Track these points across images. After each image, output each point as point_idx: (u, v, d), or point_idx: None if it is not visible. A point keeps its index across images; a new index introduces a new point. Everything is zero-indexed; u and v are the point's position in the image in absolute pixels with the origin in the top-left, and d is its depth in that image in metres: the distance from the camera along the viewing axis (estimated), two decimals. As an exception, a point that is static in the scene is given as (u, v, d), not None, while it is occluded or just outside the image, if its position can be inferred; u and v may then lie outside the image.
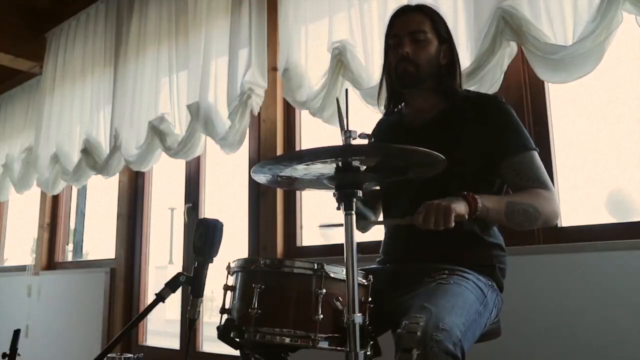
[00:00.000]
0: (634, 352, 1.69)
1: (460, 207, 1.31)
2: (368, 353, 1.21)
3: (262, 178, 1.29)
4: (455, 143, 1.49)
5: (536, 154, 1.48)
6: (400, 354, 1.13)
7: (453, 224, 1.28)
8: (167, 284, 1.32)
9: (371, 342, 1.24)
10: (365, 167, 1.18)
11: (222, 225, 1.34)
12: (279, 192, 2.80)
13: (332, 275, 1.22)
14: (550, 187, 1.45)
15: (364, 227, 1.60)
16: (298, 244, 2.78)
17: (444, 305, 1.22)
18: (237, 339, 1.24)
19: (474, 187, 1.50)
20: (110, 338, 3.52)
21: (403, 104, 1.70)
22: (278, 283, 1.24)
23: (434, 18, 1.59)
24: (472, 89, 1.95)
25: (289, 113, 2.88)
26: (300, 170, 1.20)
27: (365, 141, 1.26)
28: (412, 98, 1.65)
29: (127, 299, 3.59)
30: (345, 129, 1.18)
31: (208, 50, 3.01)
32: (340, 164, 1.16)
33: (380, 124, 1.79)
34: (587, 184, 2.10)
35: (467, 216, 1.32)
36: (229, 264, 1.35)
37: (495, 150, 1.49)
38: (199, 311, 1.32)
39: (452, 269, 1.41)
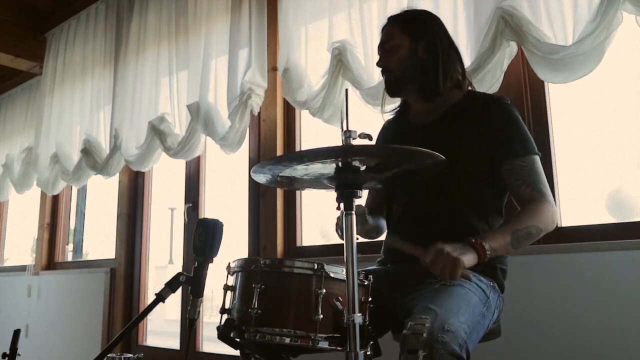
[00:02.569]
0: (634, 352, 1.69)
1: (470, 260, 1.28)
2: (368, 353, 1.21)
3: (262, 178, 1.29)
4: (457, 144, 1.49)
5: (538, 159, 1.47)
6: (405, 355, 1.13)
7: (458, 279, 1.27)
8: (167, 284, 1.32)
9: (371, 342, 1.24)
10: (365, 167, 1.18)
11: (222, 225, 1.34)
12: (279, 192, 2.80)
13: (332, 275, 1.22)
14: (549, 196, 1.45)
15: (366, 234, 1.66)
16: (298, 244, 2.78)
17: (448, 306, 1.22)
18: (237, 339, 1.24)
19: (476, 189, 1.50)
20: (110, 338, 3.52)
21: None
22: (278, 283, 1.24)
23: (404, 21, 1.62)
24: (471, 89, 1.95)
25: (289, 113, 2.88)
26: (300, 170, 1.20)
27: (365, 141, 1.26)
28: (410, 102, 1.67)
29: (127, 299, 3.59)
30: (345, 129, 1.17)
31: (208, 50, 3.01)
32: (340, 164, 1.16)
33: (385, 127, 1.79)
34: (587, 184, 2.11)
35: (471, 274, 1.30)
36: (229, 264, 1.35)
37: (497, 152, 1.48)
38: (199, 311, 1.32)
39: (454, 270, 1.40)
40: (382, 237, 1.70)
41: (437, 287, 1.33)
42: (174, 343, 3.40)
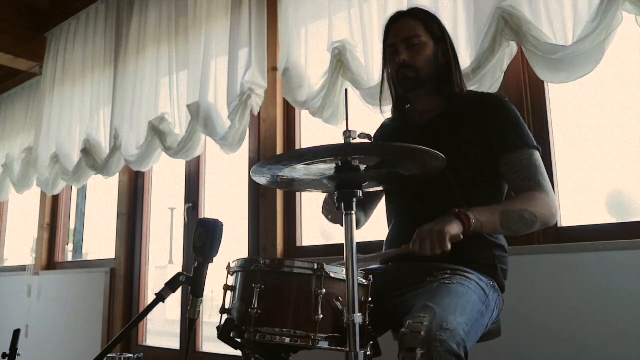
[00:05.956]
0: (634, 352, 1.69)
1: (454, 228, 1.30)
2: (368, 353, 1.21)
3: (262, 179, 1.29)
4: (457, 141, 1.50)
5: (537, 153, 1.48)
6: (404, 353, 1.13)
7: (449, 247, 1.28)
8: (167, 284, 1.32)
9: (371, 342, 1.24)
10: (365, 166, 1.18)
11: (222, 225, 1.33)
12: (279, 192, 2.80)
13: (332, 275, 1.22)
14: (547, 188, 1.45)
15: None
16: (298, 244, 2.78)
17: (447, 305, 1.22)
18: (237, 339, 1.24)
19: (476, 186, 1.50)
20: (110, 338, 3.52)
21: (408, 105, 1.71)
22: (278, 283, 1.24)
23: (427, 20, 1.60)
24: (472, 89, 1.95)
25: (289, 113, 2.88)
26: (300, 170, 1.20)
27: (365, 141, 1.25)
28: (415, 100, 1.66)
29: (127, 299, 3.59)
30: (345, 128, 1.17)
31: (208, 50, 3.01)
32: (340, 163, 1.16)
33: (383, 126, 1.79)
34: (587, 184, 2.10)
35: (462, 235, 1.31)
36: (229, 264, 1.35)
37: (495, 148, 1.49)
38: (199, 311, 1.31)
39: (454, 269, 1.41)
40: (382, 237, 1.70)
41: (436, 285, 1.33)
42: (174, 343, 3.40)
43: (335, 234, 2.70)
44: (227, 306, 1.30)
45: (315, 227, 2.86)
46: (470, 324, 1.23)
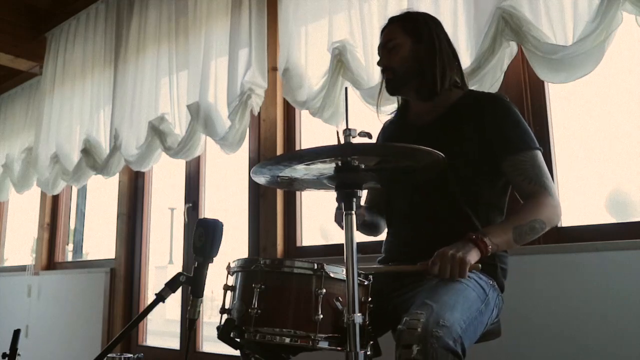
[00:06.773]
0: (634, 352, 1.69)
1: (474, 257, 1.31)
2: (368, 353, 1.21)
3: (261, 179, 1.29)
4: (458, 140, 1.50)
5: (539, 154, 1.48)
6: (400, 349, 1.14)
7: (467, 276, 1.29)
8: (167, 284, 1.32)
9: (371, 342, 1.24)
10: (365, 166, 1.18)
11: (222, 225, 1.33)
12: (279, 192, 2.80)
13: (332, 275, 1.22)
14: (551, 189, 1.45)
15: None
16: (298, 244, 2.78)
17: (445, 301, 1.22)
18: (237, 339, 1.24)
19: (476, 185, 1.50)
20: (110, 338, 3.52)
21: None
22: (278, 283, 1.24)
23: (404, 20, 1.62)
24: (472, 89, 1.94)
25: (289, 113, 2.88)
26: (300, 170, 1.20)
27: (365, 139, 1.25)
28: (408, 99, 1.67)
29: (127, 299, 3.59)
30: (345, 127, 1.17)
31: (208, 51, 3.01)
32: (340, 163, 1.16)
33: (384, 127, 1.79)
34: (587, 184, 2.10)
35: (480, 264, 1.33)
36: (229, 264, 1.35)
37: (496, 148, 1.49)
38: (199, 311, 1.32)
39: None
40: (382, 236, 1.70)
41: (435, 283, 1.33)
42: (174, 343, 3.40)
43: (335, 234, 2.70)
44: (227, 306, 1.30)
45: (315, 227, 2.86)
46: (468, 321, 1.23)
